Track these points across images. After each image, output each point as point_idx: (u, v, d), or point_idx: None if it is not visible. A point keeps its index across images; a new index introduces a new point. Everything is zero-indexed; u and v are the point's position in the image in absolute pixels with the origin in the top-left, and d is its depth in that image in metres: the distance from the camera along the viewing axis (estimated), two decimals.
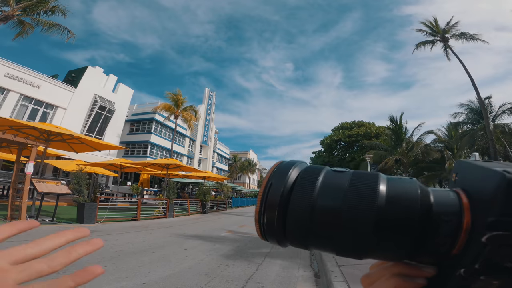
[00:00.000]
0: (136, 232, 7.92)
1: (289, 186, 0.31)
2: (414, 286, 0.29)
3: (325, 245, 0.30)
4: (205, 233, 8.58)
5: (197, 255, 5.45)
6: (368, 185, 0.29)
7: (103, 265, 4.36)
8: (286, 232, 0.30)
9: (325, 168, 0.33)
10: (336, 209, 0.29)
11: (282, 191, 0.31)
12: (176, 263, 4.80)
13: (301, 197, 0.30)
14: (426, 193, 0.29)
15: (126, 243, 6.26)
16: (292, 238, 0.31)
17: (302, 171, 0.32)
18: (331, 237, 0.29)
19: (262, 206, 0.31)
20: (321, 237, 0.29)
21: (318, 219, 0.29)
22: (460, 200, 0.28)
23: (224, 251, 5.95)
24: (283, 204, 0.30)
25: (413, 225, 0.27)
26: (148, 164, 16.19)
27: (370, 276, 0.33)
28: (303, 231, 0.30)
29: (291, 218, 0.30)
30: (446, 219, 0.27)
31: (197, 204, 16.90)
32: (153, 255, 5.29)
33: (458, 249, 0.27)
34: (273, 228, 0.31)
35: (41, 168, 9.85)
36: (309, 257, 5.72)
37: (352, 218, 0.28)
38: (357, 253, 0.29)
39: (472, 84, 17.97)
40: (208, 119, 43.66)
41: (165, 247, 6.11)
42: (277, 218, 0.30)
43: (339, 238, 0.28)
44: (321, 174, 0.31)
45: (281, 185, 0.31)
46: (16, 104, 19.52)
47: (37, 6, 14.95)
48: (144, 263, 4.63)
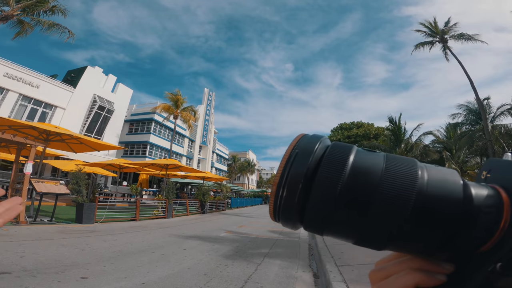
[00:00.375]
0: (135, 232, 7.91)
1: (317, 157, 0.28)
2: (435, 282, 0.27)
3: (346, 229, 0.27)
4: (204, 234, 8.58)
5: (196, 255, 5.44)
6: (407, 166, 0.27)
7: (102, 265, 4.35)
8: (306, 210, 0.27)
9: (354, 146, 0.30)
10: (370, 187, 0.26)
11: (309, 161, 0.27)
12: (175, 263, 4.80)
13: (331, 171, 0.26)
14: (466, 183, 0.27)
15: (125, 243, 6.25)
16: (311, 218, 0.27)
17: (332, 144, 0.29)
18: (356, 220, 0.26)
19: (283, 177, 0.27)
20: (344, 219, 0.26)
21: (347, 197, 0.26)
22: (499, 195, 0.26)
23: (223, 252, 5.95)
24: (310, 177, 0.27)
25: (455, 213, 0.25)
26: (147, 164, 16.18)
27: (383, 270, 0.31)
28: (327, 210, 0.26)
29: (316, 193, 0.26)
30: (486, 211, 0.25)
31: (196, 205, 16.88)
32: (152, 255, 5.28)
33: (489, 245, 0.25)
34: (292, 204, 0.27)
35: (40, 168, 9.83)
36: (308, 258, 5.73)
37: (388, 199, 0.25)
38: (380, 241, 0.26)
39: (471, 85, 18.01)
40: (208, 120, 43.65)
41: (164, 247, 6.11)
42: (300, 191, 0.27)
43: (367, 222, 0.26)
44: (352, 150, 0.29)
45: (309, 156, 0.28)
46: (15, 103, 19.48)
47: (37, 6, 14.95)
48: (143, 263, 4.63)
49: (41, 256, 4.50)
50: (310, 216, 0.27)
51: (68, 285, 3.38)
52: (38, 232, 6.50)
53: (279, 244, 7.27)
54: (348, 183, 0.26)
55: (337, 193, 0.26)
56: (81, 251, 5.18)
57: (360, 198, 0.26)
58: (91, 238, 6.54)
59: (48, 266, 4.05)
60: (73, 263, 4.33)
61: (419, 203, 0.25)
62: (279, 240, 7.96)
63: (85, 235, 6.79)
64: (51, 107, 21.74)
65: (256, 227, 11.28)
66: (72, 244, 5.63)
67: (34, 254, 4.56)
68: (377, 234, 0.26)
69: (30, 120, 19.26)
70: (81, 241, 6.07)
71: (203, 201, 17.12)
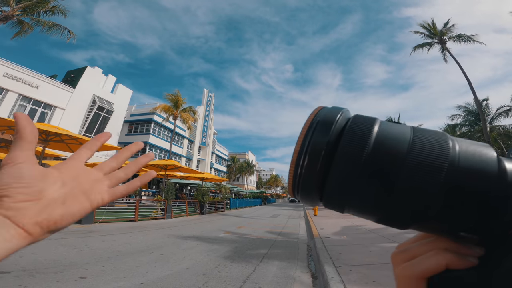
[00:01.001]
0: (134, 233, 7.92)
1: (340, 127, 0.26)
2: (466, 264, 0.25)
3: (368, 204, 0.25)
4: (203, 234, 8.58)
5: (195, 256, 5.45)
6: (437, 137, 0.24)
7: (101, 265, 4.37)
8: (328, 181, 0.25)
9: (378, 118, 0.27)
10: (397, 159, 0.23)
11: (332, 130, 0.26)
12: (174, 263, 4.81)
13: (355, 140, 0.24)
14: (500, 158, 0.24)
15: (124, 243, 6.26)
16: (332, 191, 0.25)
17: (354, 116, 0.27)
18: (381, 195, 0.23)
19: (304, 145, 0.25)
20: (368, 192, 0.24)
21: (371, 168, 0.23)
22: None
23: (222, 252, 5.96)
24: (332, 145, 0.25)
25: (490, 191, 0.22)
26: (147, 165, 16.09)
27: (407, 251, 0.28)
28: (350, 181, 0.24)
29: (339, 163, 0.24)
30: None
31: (195, 205, 16.88)
32: (151, 255, 5.29)
33: None
34: (314, 172, 0.25)
35: None
36: (307, 258, 5.74)
37: (417, 172, 0.22)
38: (405, 220, 0.24)
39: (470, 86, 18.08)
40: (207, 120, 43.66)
41: (163, 247, 6.11)
42: (322, 159, 0.25)
43: (392, 197, 0.23)
44: (377, 121, 0.26)
45: (331, 124, 0.26)
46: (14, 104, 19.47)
47: (37, 6, 14.96)
48: (142, 263, 4.64)
49: (40, 256, 4.51)
50: (331, 189, 0.25)
51: (67, 285, 3.39)
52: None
53: (277, 244, 7.28)
54: (373, 153, 0.24)
55: (361, 163, 0.24)
56: (79, 251, 5.19)
57: (386, 169, 0.23)
58: (89, 238, 6.55)
59: (47, 266, 4.06)
60: (71, 263, 4.34)
61: (450, 178, 0.22)
62: (277, 241, 7.97)
63: (84, 236, 6.79)
64: (50, 108, 21.73)
65: (255, 228, 11.28)
66: (70, 244, 5.64)
67: (33, 254, 4.57)
68: (404, 210, 0.23)
69: None
70: (79, 241, 6.08)
71: (202, 201, 17.11)
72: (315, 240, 6.93)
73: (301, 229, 11.39)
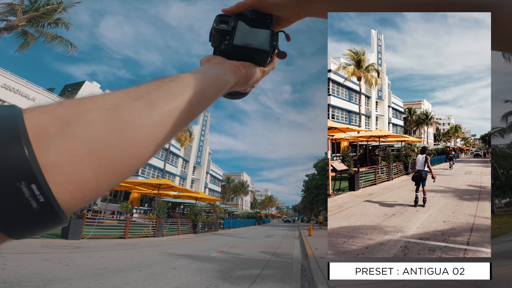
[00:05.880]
0: (123, 250, 7.64)
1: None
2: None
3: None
4: (195, 253, 8.31)
5: (186, 275, 5.24)
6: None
7: (86, 281, 4.16)
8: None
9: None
10: None
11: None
12: (163, 282, 4.61)
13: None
14: None
15: (112, 260, 6.02)
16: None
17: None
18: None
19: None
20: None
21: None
22: None
23: (214, 272, 5.75)
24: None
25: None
26: (139, 183, 15.96)
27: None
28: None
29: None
30: None
31: (188, 224, 16.52)
32: (140, 273, 5.08)
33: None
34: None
35: None
36: (301, 279, 5.55)
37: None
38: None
39: None
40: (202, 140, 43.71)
41: (153, 265, 5.88)
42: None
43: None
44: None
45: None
46: None
47: (43, 17, 15.25)
48: (130, 281, 4.44)
49: (23, 269, 4.30)
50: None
51: None
52: (20, 246, 6.23)
53: (271, 265, 7.06)
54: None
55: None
56: (64, 266, 4.96)
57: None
58: (76, 254, 6.29)
59: (28, 279, 3.86)
60: (55, 277, 4.13)
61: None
62: (271, 261, 7.74)
63: (70, 251, 6.53)
64: None
65: (249, 247, 10.99)
66: (55, 259, 5.40)
67: (15, 267, 4.36)
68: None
69: None
70: (65, 256, 5.83)
71: (195, 221, 16.77)
72: (309, 260, 6.73)
73: (296, 249, 11.12)
